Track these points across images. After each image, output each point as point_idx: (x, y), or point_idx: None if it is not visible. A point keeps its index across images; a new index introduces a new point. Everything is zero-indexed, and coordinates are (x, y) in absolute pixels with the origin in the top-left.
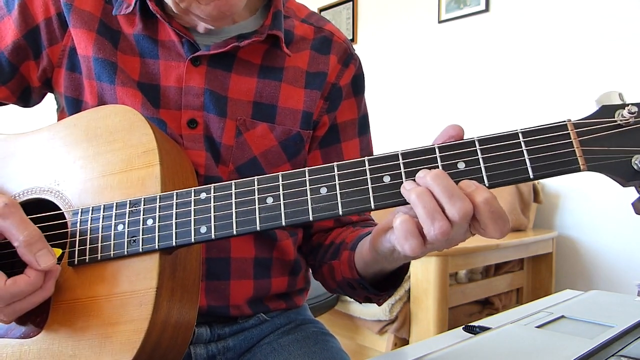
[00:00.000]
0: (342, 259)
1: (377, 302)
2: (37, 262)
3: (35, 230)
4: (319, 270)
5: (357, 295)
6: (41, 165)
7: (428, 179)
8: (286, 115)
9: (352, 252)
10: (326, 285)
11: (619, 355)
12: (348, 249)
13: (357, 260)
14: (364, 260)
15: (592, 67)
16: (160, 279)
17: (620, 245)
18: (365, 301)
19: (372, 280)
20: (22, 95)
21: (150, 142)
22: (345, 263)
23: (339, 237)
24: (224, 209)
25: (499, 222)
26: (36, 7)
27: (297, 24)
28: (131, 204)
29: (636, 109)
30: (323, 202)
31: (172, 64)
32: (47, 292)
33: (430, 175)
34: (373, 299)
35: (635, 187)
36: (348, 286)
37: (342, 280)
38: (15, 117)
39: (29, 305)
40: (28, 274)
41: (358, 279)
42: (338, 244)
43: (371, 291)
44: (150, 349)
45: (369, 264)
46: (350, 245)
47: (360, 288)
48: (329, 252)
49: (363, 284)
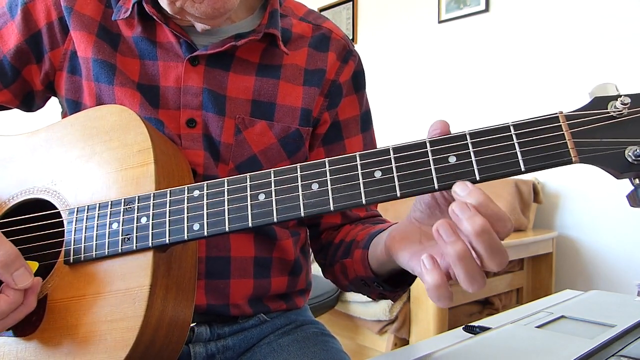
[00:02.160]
0: (354, 257)
1: (391, 299)
2: (14, 282)
3: (11, 249)
4: (330, 269)
5: (371, 293)
6: (38, 166)
7: (470, 232)
8: (285, 113)
9: (365, 251)
10: (338, 283)
11: (619, 355)
12: (360, 247)
13: (372, 259)
14: (378, 261)
15: (592, 67)
16: (154, 276)
17: (620, 245)
18: (379, 298)
19: (387, 278)
20: (25, 99)
21: (145, 141)
22: (358, 262)
23: (348, 235)
24: (216, 206)
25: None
26: (38, 12)
27: (295, 22)
28: (125, 202)
29: (629, 100)
30: (314, 198)
31: (170, 64)
32: (29, 307)
33: (475, 231)
34: (388, 296)
35: (629, 179)
36: (362, 284)
37: (355, 279)
38: (21, 121)
39: (12, 321)
40: (7, 293)
41: (373, 277)
42: (349, 242)
43: (387, 288)
44: (144, 346)
45: (385, 263)
46: (363, 244)
47: (375, 286)
48: (339, 250)
49: (378, 282)
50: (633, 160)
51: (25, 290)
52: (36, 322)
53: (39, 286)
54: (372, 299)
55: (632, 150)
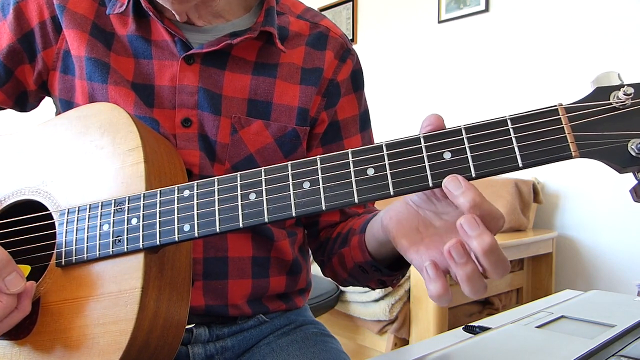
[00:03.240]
0: (352, 244)
1: (390, 284)
2: (6, 287)
3: (2, 254)
4: (329, 264)
5: (370, 280)
6: (29, 166)
7: (478, 250)
8: (281, 112)
9: (362, 235)
10: (337, 278)
11: (619, 355)
12: (357, 233)
13: (369, 240)
14: (376, 240)
15: (593, 67)
16: (146, 278)
17: (620, 245)
18: (378, 286)
19: (385, 261)
20: (19, 100)
21: (135, 139)
22: (356, 247)
23: (345, 227)
24: (206, 206)
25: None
26: (31, 12)
27: (293, 20)
28: (116, 203)
29: (632, 90)
30: (306, 197)
31: (165, 63)
32: (24, 312)
33: (484, 250)
34: (387, 281)
35: (633, 173)
36: (360, 271)
37: (353, 267)
38: (15, 121)
39: (7, 326)
40: (0, 298)
41: (371, 260)
42: (346, 233)
43: (385, 272)
44: (137, 349)
45: (383, 244)
46: (359, 229)
47: (373, 270)
48: (337, 242)
49: (376, 265)
50: (636, 154)
51: (19, 295)
52: (29, 326)
53: (33, 290)
54: (371, 288)
55: (635, 144)
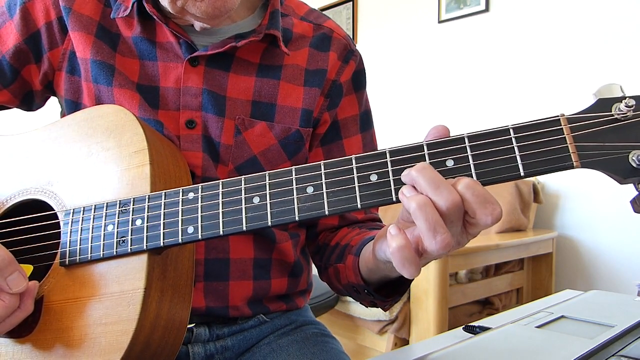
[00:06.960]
0: (347, 263)
1: (382, 308)
2: (8, 286)
3: (4, 253)
4: (325, 272)
5: (363, 300)
6: (35, 166)
7: (413, 173)
8: (285, 114)
9: (356, 258)
10: (332, 287)
11: (619, 355)
12: (353, 253)
13: (362, 266)
14: (367, 267)
15: (593, 67)
16: (149, 279)
17: (620, 245)
18: (371, 306)
19: (377, 286)
20: (25, 99)
21: (141, 141)
22: (350, 268)
23: (344, 239)
24: (211, 209)
25: (487, 205)
26: (37, 12)
27: (296, 22)
28: (121, 204)
29: (634, 102)
30: (309, 202)
31: (170, 65)
32: (26, 311)
33: (415, 169)
34: (379, 305)
35: (633, 184)
36: (354, 291)
37: (347, 285)
38: (21, 120)
39: (9, 326)
40: (2, 298)
41: (363, 285)
42: (343, 247)
43: (377, 297)
44: (139, 349)
45: (373, 270)
46: (355, 250)
47: (366, 294)
48: (334, 253)
49: (368, 290)
50: (637, 165)
51: (22, 294)
52: (32, 324)
53: (36, 290)
54: (364, 305)
55: (636, 155)
